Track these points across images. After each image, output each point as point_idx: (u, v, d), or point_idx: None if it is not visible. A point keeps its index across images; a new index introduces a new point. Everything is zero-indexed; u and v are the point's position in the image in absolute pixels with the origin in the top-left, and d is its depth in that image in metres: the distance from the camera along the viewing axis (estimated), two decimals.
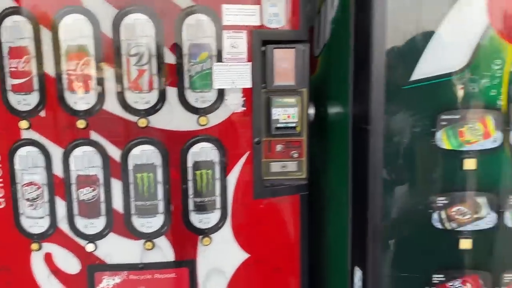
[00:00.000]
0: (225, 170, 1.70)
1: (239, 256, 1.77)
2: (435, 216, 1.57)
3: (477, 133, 1.52)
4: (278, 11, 1.66)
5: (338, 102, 1.80)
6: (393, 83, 1.49)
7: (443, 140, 1.53)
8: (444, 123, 1.52)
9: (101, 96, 1.60)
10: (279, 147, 1.79)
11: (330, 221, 1.94)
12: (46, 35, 1.56)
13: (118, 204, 1.67)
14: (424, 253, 1.60)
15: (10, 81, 1.59)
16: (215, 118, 1.66)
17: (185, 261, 1.73)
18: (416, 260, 1.60)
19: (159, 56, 1.59)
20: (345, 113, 1.70)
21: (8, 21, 1.55)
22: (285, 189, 1.80)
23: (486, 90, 1.50)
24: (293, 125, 1.73)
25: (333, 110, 1.85)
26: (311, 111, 1.81)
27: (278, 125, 1.72)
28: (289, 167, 1.82)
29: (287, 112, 1.72)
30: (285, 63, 1.72)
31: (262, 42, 1.66)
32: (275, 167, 1.81)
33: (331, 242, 1.96)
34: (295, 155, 1.80)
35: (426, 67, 1.49)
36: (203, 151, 1.68)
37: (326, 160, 1.95)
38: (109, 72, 1.59)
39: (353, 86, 1.65)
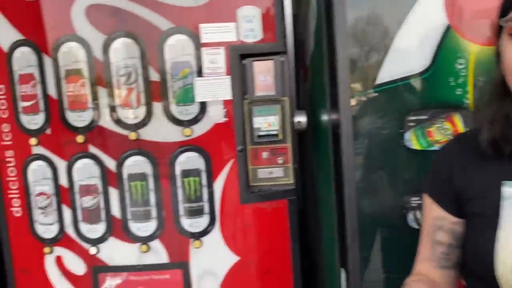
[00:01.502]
0: (211, 177, 1.81)
1: (229, 258, 1.86)
2: (410, 216, 1.58)
3: (446, 132, 1.53)
4: (254, 26, 1.77)
5: (321, 109, 1.86)
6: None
7: (412, 140, 1.55)
8: (411, 124, 1.55)
9: (96, 113, 1.78)
10: (265, 154, 1.88)
11: (323, 225, 1.99)
12: (48, 62, 1.78)
13: (116, 210, 1.83)
14: (402, 253, 1.61)
15: (21, 104, 1.82)
16: (199, 129, 1.79)
17: (178, 263, 1.85)
18: (396, 260, 1.62)
19: (145, 75, 1.75)
20: (326, 119, 1.76)
21: (17, 52, 1.79)
22: (272, 194, 1.88)
23: (452, 90, 1.51)
24: (275, 132, 1.82)
25: (318, 117, 1.92)
26: (302, 119, 1.88)
27: (260, 133, 1.81)
28: (276, 173, 1.90)
29: (267, 121, 1.81)
30: (265, 75, 1.82)
31: (241, 56, 1.77)
32: (262, 173, 1.89)
33: (324, 245, 2.00)
34: (281, 161, 1.88)
35: (390, 70, 1.54)
36: (190, 160, 1.80)
37: (317, 165, 2.01)
38: (102, 92, 1.77)
39: (329, 92, 1.71)
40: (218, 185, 1.83)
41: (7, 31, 1.79)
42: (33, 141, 1.83)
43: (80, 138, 1.79)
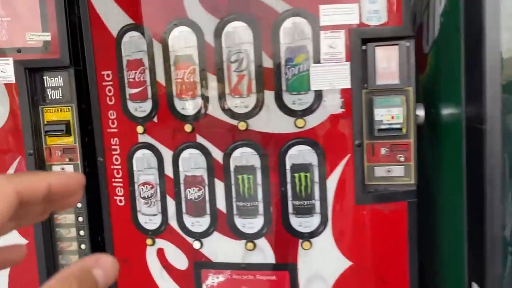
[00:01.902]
0: (325, 173, 1.66)
1: (340, 263, 1.71)
2: None
3: None
4: (378, 7, 1.59)
5: (450, 102, 1.64)
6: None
7: None
8: None
9: (205, 102, 1.69)
10: (383, 150, 1.70)
11: (444, 231, 1.77)
12: (157, 47, 1.71)
13: (221, 204, 1.73)
14: None
15: (129, 91, 1.77)
16: (313, 120, 1.64)
17: (286, 264, 1.73)
18: None
19: (257, 61, 1.63)
20: (457, 113, 1.54)
21: (126, 37, 1.74)
22: (390, 195, 1.69)
23: None
24: (398, 126, 1.62)
25: (445, 110, 1.70)
26: (420, 112, 1.68)
27: (382, 127, 1.63)
28: (394, 171, 1.71)
29: (391, 113, 1.62)
30: (388, 61, 1.63)
31: (362, 41, 1.60)
32: (380, 171, 1.71)
33: (444, 254, 1.78)
34: (402, 159, 1.69)
35: None
36: (301, 154, 1.66)
37: (438, 164, 1.79)
38: (212, 79, 1.67)
39: (466, 84, 1.49)
40: (332, 182, 1.67)
41: (117, 15, 1.75)
42: (139, 129, 1.77)
43: (187, 127, 1.70)
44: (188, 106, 1.71)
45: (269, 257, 1.73)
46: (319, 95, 1.63)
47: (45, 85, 1.90)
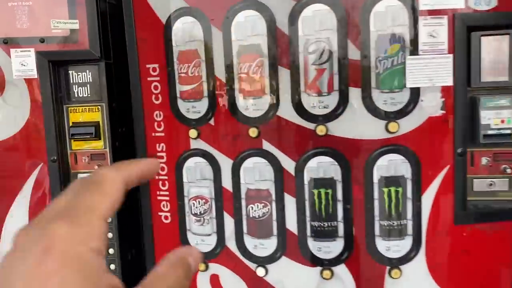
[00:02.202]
0: (419, 188, 1.39)
1: None
2: None
3: None
4: None
5: None
6: None
7: None
8: None
9: (275, 101, 1.40)
10: (484, 160, 1.43)
11: None
12: (216, 35, 1.43)
13: (292, 223, 1.45)
14: None
15: (180, 88, 1.49)
16: (407, 124, 1.37)
17: None
18: None
19: (342, 52, 1.35)
20: None
21: (178, 22, 1.45)
22: (494, 213, 1.42)
23: None
24: (509, 132, 1.35)
25: None
26: None
27: (489, 132, 1.36)
28: (498, 185, 1.44)
29: (500, 116, 1.36)
30: (497, 54, 1.36)
31: (467, 29, 1.33)
32: (479, 185, 1.44)
33: None
34: (508, 171, 1.41)
35: None
36: (392, 165, 1.39)
37: None
38: (284, 74, 1.39)
39: None
40: (427, 199, 1.40)
41: None
42: (192, 133, 1.49)
43: (252, 132, 1.42)
44: (254, 106, 1.42)
45: (350, 287, 1.45)
46: (415, 93, 1.36)
47: (71, 81, 1.66)
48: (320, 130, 1.38)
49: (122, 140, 1.75)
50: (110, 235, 1.72)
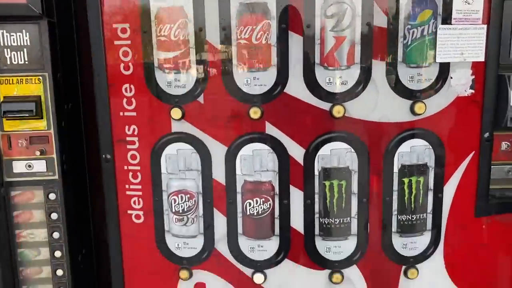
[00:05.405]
0: (442, 177, 1.24)
1: None
2: None
3: None
4: None
5: None
6: None
7: None
8: None
9: (282, 75, 1.16)
10: (504, 145, 1.31)
11: None
12: None
13: (297, 221, 1.26)
14: None
15: (157, 55, 1.19)
16: (434, 105, 1.22)
17: None
18: None
19: (365, 18, 1.13)
20: None
21: None
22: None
23: None
24: None
25: None
26: None
27: None
28: None
29: None
30: None
31: None
32: (498, 172, 1.33)
33: None
34: None
35: None
36: (414, 151, 1.23)
37: None
38: (295, 41, 1.16)
39: None
40: (450, 189, 1.27)
41: None
42: (175, 112, 1.20)
43: (254, 112, 1.19)
44: (256, 81, 1.17)
45: None
46: (445, 70, 1.19)
47: (2, 43, 1.35)
48: (337, 111, 1.18)
49: (69, 119, 1.43)
50: (56, 235, 1.44)
